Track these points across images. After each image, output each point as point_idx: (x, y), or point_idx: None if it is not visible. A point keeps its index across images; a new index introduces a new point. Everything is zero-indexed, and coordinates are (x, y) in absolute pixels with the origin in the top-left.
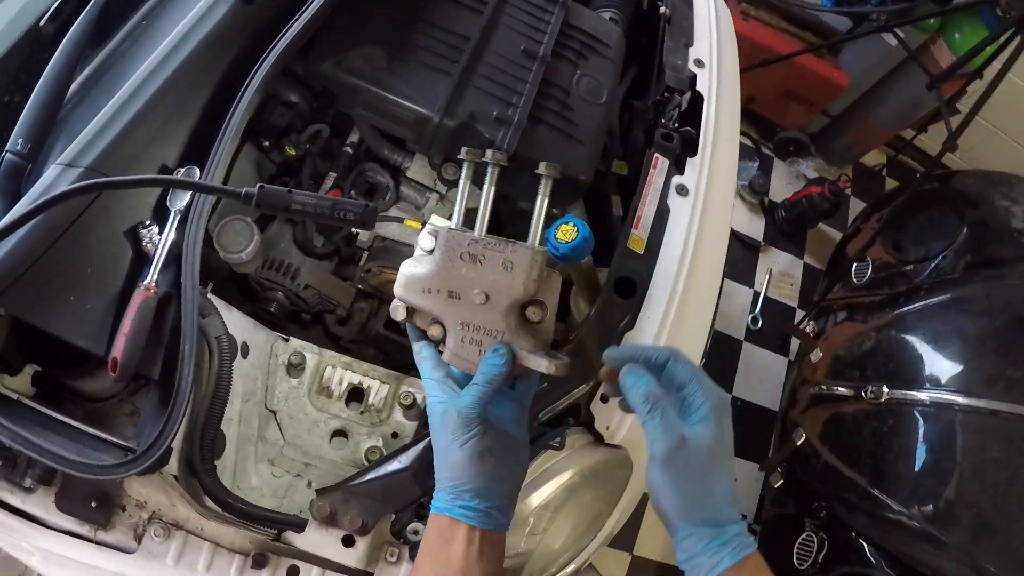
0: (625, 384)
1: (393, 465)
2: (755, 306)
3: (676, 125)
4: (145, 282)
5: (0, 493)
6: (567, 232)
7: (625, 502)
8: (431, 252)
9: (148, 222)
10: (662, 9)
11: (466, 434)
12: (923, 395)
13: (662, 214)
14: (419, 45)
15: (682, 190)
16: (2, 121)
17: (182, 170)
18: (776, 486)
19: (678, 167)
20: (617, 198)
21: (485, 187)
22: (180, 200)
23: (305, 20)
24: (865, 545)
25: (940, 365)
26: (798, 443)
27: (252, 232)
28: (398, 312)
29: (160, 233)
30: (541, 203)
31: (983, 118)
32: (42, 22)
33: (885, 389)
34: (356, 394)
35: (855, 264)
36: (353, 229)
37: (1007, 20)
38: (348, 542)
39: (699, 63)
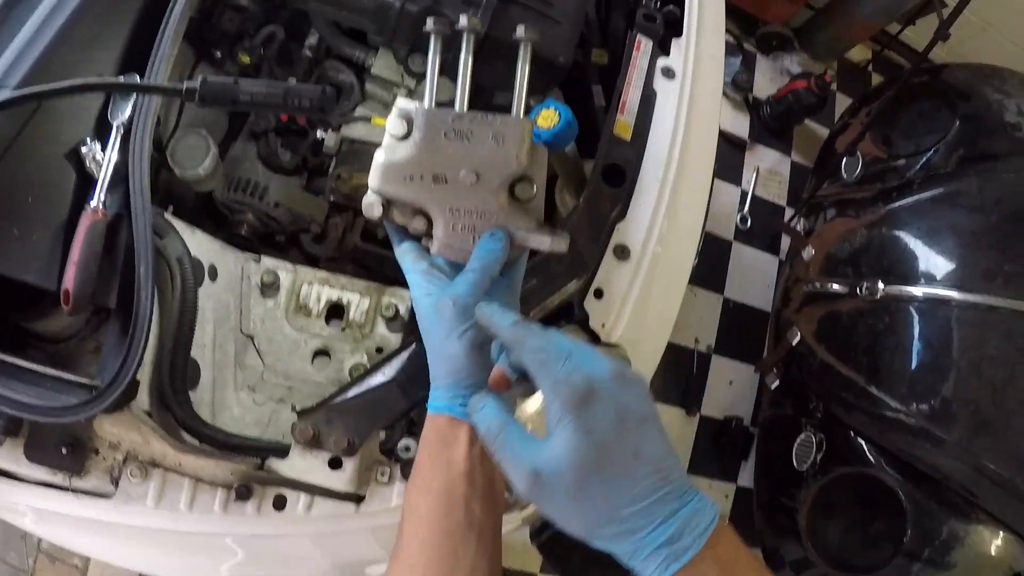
0: (472, 416)
1: (377, 378)
2: (743, 205)
3: (658, 5)
4: (92, 204)
5: None
6: (548, 117)
7: None
8: (405, 136)
9: (89, 140)
10: None
11: (463, 324)
12: (919, 291)
13: (648, 98)
14: None
15: (668, 72)
16: None
17: (121, 78)
18: (772, 387)
19: (663, 49)
20: (599, 88)
21: (462, 56)
22: (122, 112)
23: None
24: (864, 444)
25: (935, 261)
26: (793, 343)
27: (208, 145)
28: (373, 209)
29: (103, 150)
30: (522, 70)
31: (972, 12)
32: None
33: (880, 285)
34: (336, 311)
35: (845, 159)
36: (319, 134)
37: None
38: (335, 464)
39: None
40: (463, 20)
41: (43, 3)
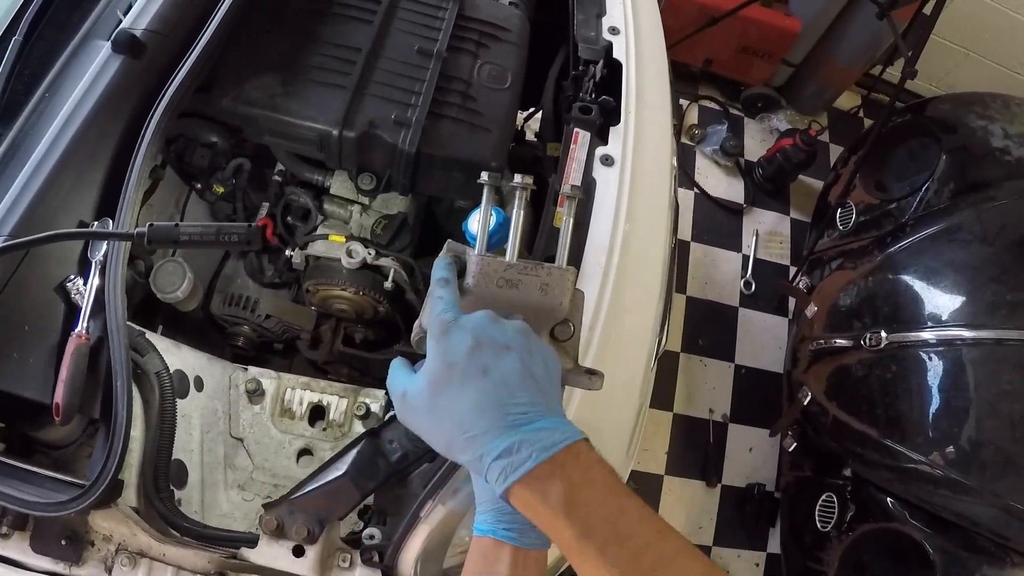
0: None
1: (331, 472)
2: (746, 270)
3: (593, 96)
4: (76, 330)
5: None
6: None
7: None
8: (458, 276)
9: (73, 276)
10: None
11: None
12: (924, 334)
13: (588, 187)
14: (312, 64)
15: (607, 160)
16: None
17: (96, 223)
18: (791, 450)
19: (601, 138)
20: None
21: (515, 212)
22: (99, 250)
23: (190, 64)
24: (887, 499)
25: (937, 301)
26: (805, 402)
27: (184, 271)
28: (422, 345)
29: (85, 284)
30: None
31: (951, 41)
32: None
33: (883, 334)
34: (318, 412)
35: (839, 210)
36: (287, 252)
37: None
38: (298, 552)
39: (614, 30)
40: (518, 179)
41: (32, 156)
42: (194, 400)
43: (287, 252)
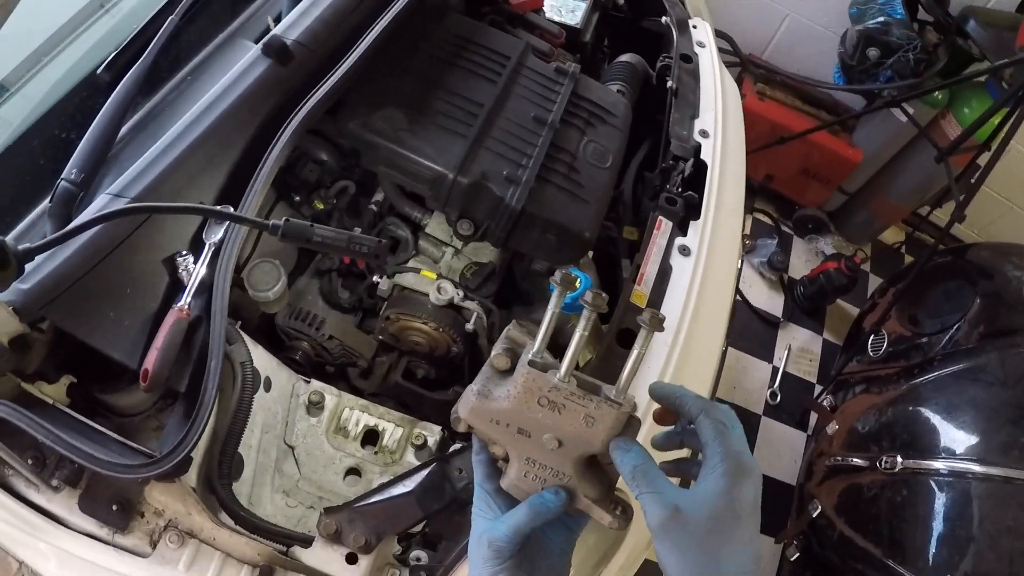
0: (614, 457)
1: (398, 488)
2: (774, 381)
3: (680, 190)
4: (179, 304)
5: (28, 491)
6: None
7: (629, 546)
8: (507, 372)
9: (184, 252)
10: (669, 83)
11: (495, 566)
12: (938, 464)
13: (665, 273)
14: (438, 110)
15: (684, 250)
16: (59, 154)
17: (217, 207)
18: (792, 559)
19: (681, 229)
20: (627, 262)
21: (578, 331)
22: (215, 234)
23: (333, 83)
24: None
25: (954, 435)
26: (813, 515)
27: (279, 274)
28: (459, 425)
29: (195, 263)
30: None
31: (998, 193)
32: (99, 71)
33: (899, 459)
34: (371, 436)
35: (871, 337)
36: (375, 278)
37: (1010, 91)
38: (351, 560)
39: (704, 133)
40: (588, 296)
41: (169, 131)
42: (261, 400)
43: (375, 278)
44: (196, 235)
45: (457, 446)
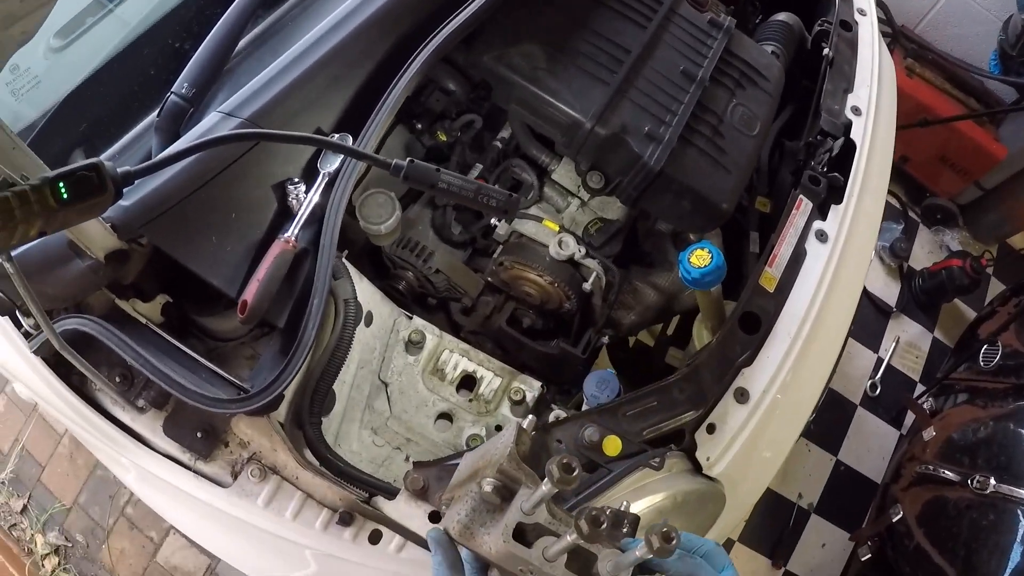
0: None
1: None
2: (876, 372)
3: (825, 170)
4: (286, 235)
5: (114, 409)
6: (701, 257)
7: (712, 537)
8: (492, 508)
9: (297, 180)
10: (825, 51)
11: None
12: None
13: (798, 256)
14: (580, 51)
15: (822, 236)
16: (171, 65)
17: (336, 136)
18: (863, 559)
19: (821, 212)
20: (755, 235)
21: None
22: (331, 164)
23: (472, 11)
24: None
25: None
26: (894, 519)
27: (394, 206)
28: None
29: (307, 192)
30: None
31: None
32: None
33: (992, 481)
34: (468, 382)
35: (985, 347)
36: (492, 221)
37: None
38: (434, 518)
39: (856, 111)
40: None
41: (289, 49)
42: (360, 334)
43: (493, 221)
44: (310, 163)
45: (560, 414)
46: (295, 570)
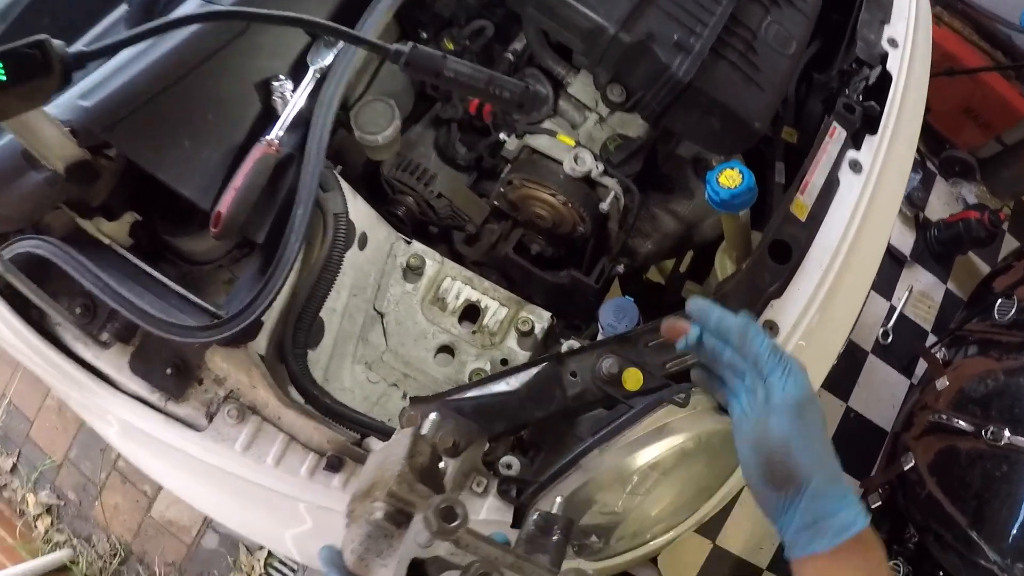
0: (747, 336)
1: (500, 386)
2: (888, 320)
3: (860, 98)
4: (268, 136)
5: (76, 346)
6: (731, 177)
7: (732, 483)
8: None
9: (283, 77)
10: None
11: None
12: None
13: (831, 185)
14: None
15: (856, 166)
16: None
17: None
18: (874, 506)
19: (855, 142)
20: (781, 165)
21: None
22: (322, 59)
23: None
24: None
25: None
26: (905, 467)
27: (393, 114)
28: None
29: (294, 91)
30: None
31: None
32: None
33: (1007, 433)
34: (471, 312)
35: (1000, 300)
36: (501, 135)
37: None
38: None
39: (892, 43)
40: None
41: None
42: (353, 258)
43: (502, 136)
44: (299, 59)
45: (574, 344)
46: (286, 526)
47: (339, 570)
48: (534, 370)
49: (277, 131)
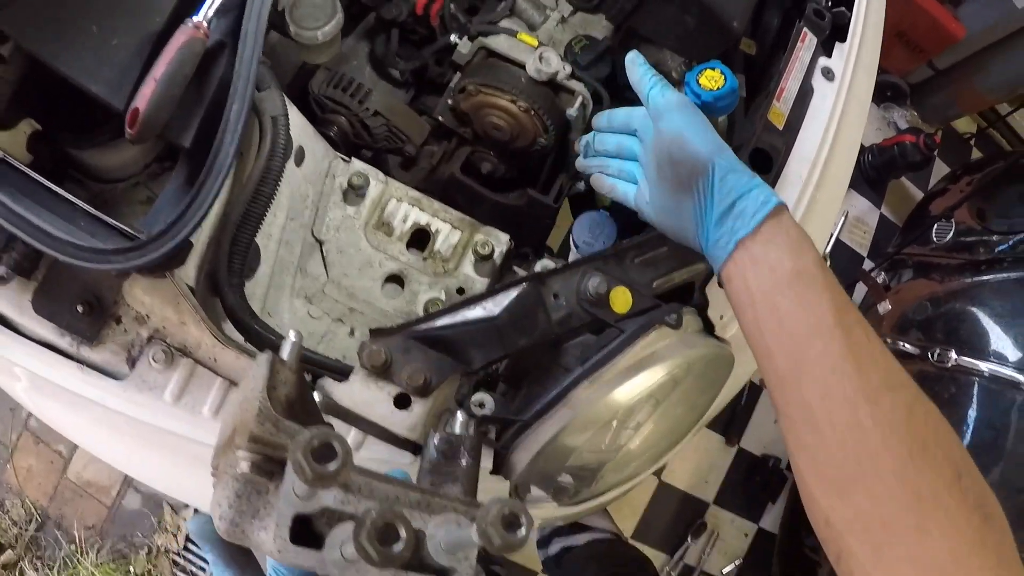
0: (635, 64)
1: (475, 311)
2: (826, 245)
3: (829, 4)
4: (195, 19)
5: None
6: (712, 78)
7: (710, 411)
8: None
9: None
10: None
11: None
12: (989, 368)
13: (805, 93)
14: None
15: (828, 73)
16: None
17: None
18: None
19: (825, 49)
20: (742, 77)
21: None
22: None
23: None
24: None
25: (1007, 342)
26: None
27: (335, 8)
28: None
29: None
30: None
31: None
32: None
33: (953, 355)
34: (420, 237)
35: (937, 223)
36: (452, 38)
37: None
38: (402, 403)
39: None
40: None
41: None
42: (290, 175)
43: (453, 38)
44: None
45: (549, 264)
46: None
47: (211, 542)
48: (514, 292)
49: (206, 11)
